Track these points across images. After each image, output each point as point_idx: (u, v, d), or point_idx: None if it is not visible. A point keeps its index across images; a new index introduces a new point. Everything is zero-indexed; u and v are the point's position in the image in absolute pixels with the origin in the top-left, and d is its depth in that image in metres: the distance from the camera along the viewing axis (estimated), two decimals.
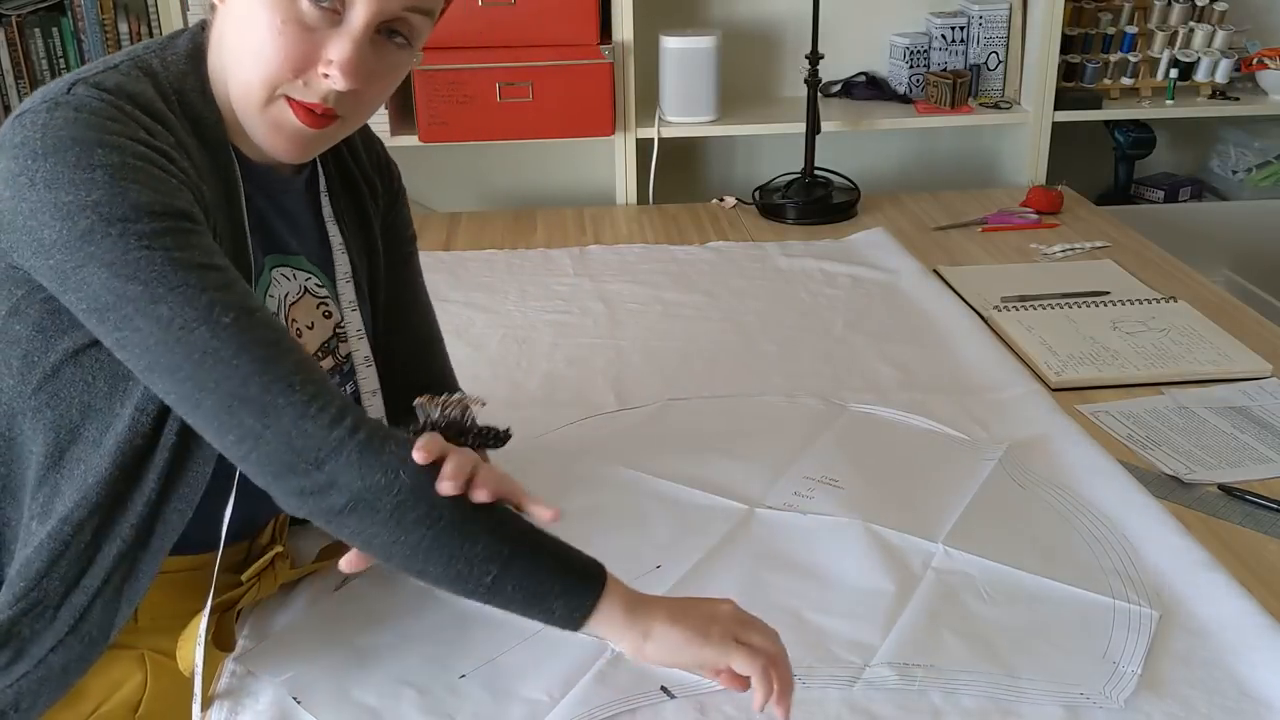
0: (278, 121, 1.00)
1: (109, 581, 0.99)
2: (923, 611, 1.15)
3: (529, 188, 2.69)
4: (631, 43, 2.42)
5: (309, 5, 0.95)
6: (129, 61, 0.99)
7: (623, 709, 1.03)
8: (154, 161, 0.92)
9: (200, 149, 0.99)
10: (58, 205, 0.88)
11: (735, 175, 2.77)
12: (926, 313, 1.91)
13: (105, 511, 0.98)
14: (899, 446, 1.50)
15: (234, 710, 1.04)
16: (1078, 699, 1.04)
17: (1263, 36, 2.74)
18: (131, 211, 0.89)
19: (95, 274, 0.89)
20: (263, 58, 0.96)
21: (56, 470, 0.98)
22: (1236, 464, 1.44)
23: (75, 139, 0.90)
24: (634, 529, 1.30)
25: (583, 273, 2.11)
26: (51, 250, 0.89)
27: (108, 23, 2.46)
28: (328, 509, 0.92)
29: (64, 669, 1.00)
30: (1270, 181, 2.79)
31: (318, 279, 1.13)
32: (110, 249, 0.88)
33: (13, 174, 0.90)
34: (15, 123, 0.92)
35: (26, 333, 0.96)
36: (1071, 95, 2.60)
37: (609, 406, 1.61)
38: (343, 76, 0.96)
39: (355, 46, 0.96)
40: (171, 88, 0.99)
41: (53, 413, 0.97)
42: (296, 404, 0.90)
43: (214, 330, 0.90)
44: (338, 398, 0.93)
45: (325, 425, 0.91)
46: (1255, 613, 1.14)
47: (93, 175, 0.89)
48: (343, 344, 1.15)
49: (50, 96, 0.93)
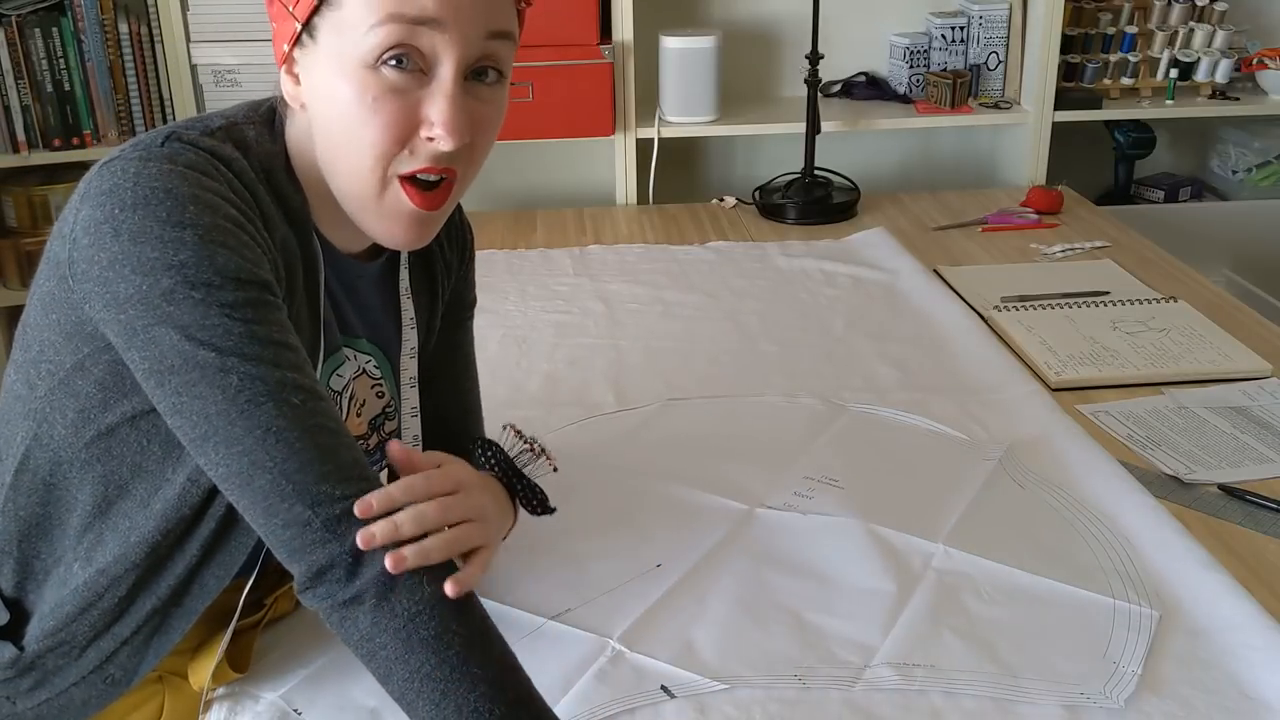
0: (395, 210, 0.96)
1: (139, 632, 0.99)
2: (923, 611, 1.15)
3: (529, 188, 2.69)
4: (631, 43, 2.42)
5: (393, 72, 0.90)
6: (224, 129, 0.96)
7: (622, 709, 1.03)
8: (242, 227, 0.90)
9: (285, 225, 0.97)
10: (141, 260, 0.85)
11: (735, 175, 2.77)
12: (926, 313, 1.91)
13: (144, 571, 0.97)
14: (899, 446, 1.50)
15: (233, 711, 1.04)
16: (1078, 699, 1.04)
17: (1263, 36, 2.74)
18: (217, 277, 0.86)
19: (167, 334, 0.85)
20: (365, 140, 0.92)
21: (102, 520, 0.96)
22: (1236, 464, 1.44)
23: (169, 192, 0.87)
24: (634, 529, 1.30)
25: (583, 273, 2.11)
26: (125, 305, 0.86)
27: (108, 23, 2.46)
28: (348, 600, 0.88)
29: (84, 702, 1.01)
30: (1270, 181, 2.79)
31: (375, 360, 1.11)
32: (189, 312, 0.85)
33: (96, 221, 0.86)
34: (104, 169, 0.89)
35: (88, 389, 0.93)
36: (1071, 95, 2.60)
37: (609, 407, 1.61)
38: (449, 135, 0.91)
39: (451, 101, 0.91)
40: (261, 165, 0.97)
41: (103, 467, 0.95)
42: (349, 499, 0.87)
43: (281, 409, 0.86)
44: None
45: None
46: (1255, 613, 1.14)
47: (182, 234, 0.86)
48: (389, 421, 1.13)
49: (143, 145, 0.90)
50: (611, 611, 1.15)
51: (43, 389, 0.95)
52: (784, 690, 1.05)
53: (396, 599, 0.87)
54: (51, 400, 0.94)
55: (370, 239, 1.05)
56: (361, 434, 1.11)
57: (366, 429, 1.11)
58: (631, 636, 1.12)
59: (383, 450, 1.12)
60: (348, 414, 1.08)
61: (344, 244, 1.05)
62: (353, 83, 0.91)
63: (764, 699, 1.04)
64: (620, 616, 1.14)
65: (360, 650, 0.89)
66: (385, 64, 0.90)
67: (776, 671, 1.08)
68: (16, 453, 0.98)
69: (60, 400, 0.94)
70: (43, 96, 2.46)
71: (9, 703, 1.00)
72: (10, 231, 2.60)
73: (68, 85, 2.47)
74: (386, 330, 1.12)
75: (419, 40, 0.90)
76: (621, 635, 1.12)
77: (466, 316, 1.25)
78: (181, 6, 2.37)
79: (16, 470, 0.98)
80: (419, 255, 1.14)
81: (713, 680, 1.06)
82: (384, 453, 1.11)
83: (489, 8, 0.92)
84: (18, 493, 0.98)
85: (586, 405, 1.61)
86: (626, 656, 1.09)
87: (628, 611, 1.15)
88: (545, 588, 1.18)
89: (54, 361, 0.93)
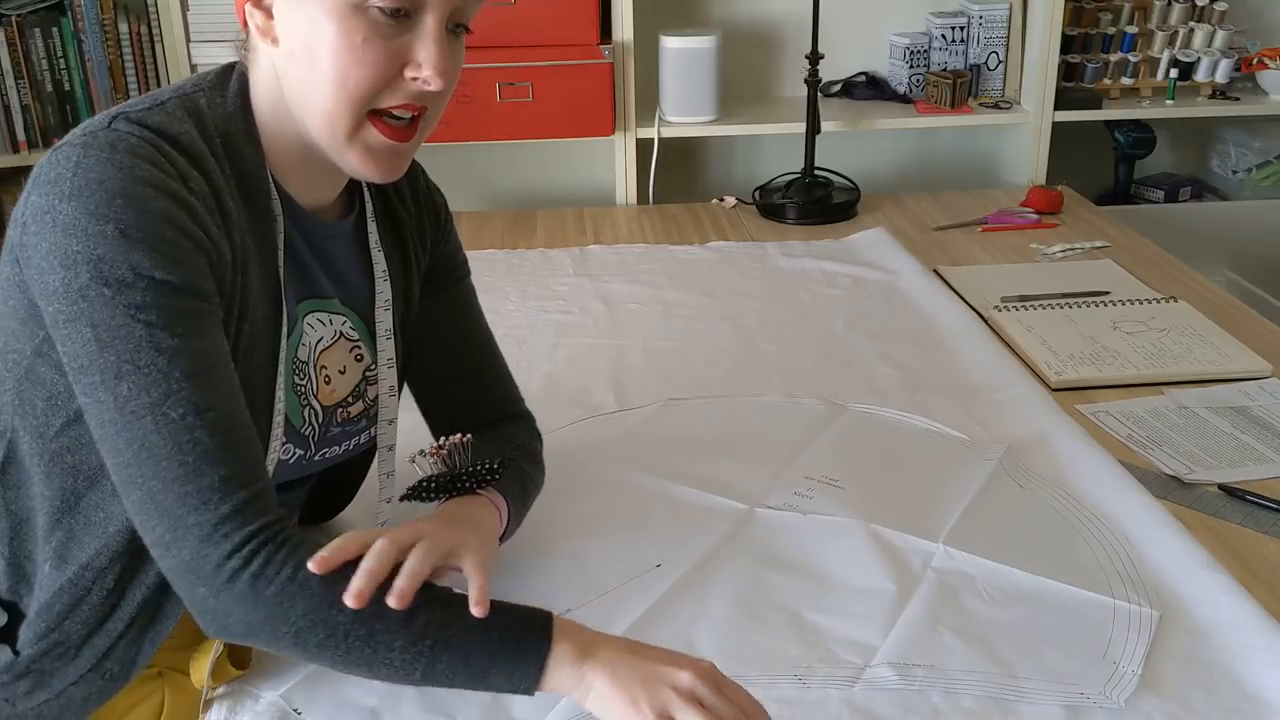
0: (369, 146, 0.98)
1: (132, 625, 1.00)
2: (923, 611, 1.15)
3: (529, 188, 2.69)
4: (631, 43, 2.42)
5: (383, 16, 0.93)
6: (176, 99, 0.97)
7: None
8: (174, 221, 0.89)
9: (239, 194, 0.97)
10: (67, 253, 0.87)
11: (735, 175, 2.77)
12: (926, 313, 1.91)
13: (129, 560, 0.97)
14: (899, 446, 1.50)
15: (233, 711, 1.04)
16: (1078, 699, 1.04)
17: (1263, 36, 2.74)
18: (130, 274, 0.87)
19: (80, 332, 0.87)
20: (349, 79, 0.94)
21: (71, 515, 0.96)
22: (1236, 464, 1.44)
23: (100, 183, 0.87)
24: (634, 529, 1.30)
25: (583, 273, 2.11)
26: (52, 297, 0.88)
27: (108, 23, 2.46)
28: (232, 635, 0.91)
29: (84, 700, 1.01)
30: (1270, 181, 2.79)
31: (352, 321, 1.11)
32: (100, 310, 0.87)
33: (40, 210, 0.88)
34: (53, 156, 0.90)
35: (50, 374, 0.93)
36: (1071, 95, 2.60)
37: (609, 407, 1.61)
38: (437, 76, 0.95)
39: (439, 45, 0.95)
40: (216, 129, 0.97)
41: (72, 457, 0.95)
42: (204, 525, 0.88)
43: (158, 424, 0.88)
44: (257, 515, 0.90)
45: (224, 554, 0.88)
46: (1255, 613, 1.14)
47: (104, 228, 0.87)
48: (372, 387, 1.13)
49: (89, 130, 0.91)
50: (611, 611, 1.15)
51: (11, 381, 0.95)
52: (784, 690, 1.05)
53: (273, 628, 0.90)
54: (21, 391, 0.95)
55: (336, 191, 1.07)
56: (340, 400, 1.10)
57: (348, 395, 1.11)
58: (632, 636, 1.11)
59: (369, 417, 1.13)
60: (318, 384, 1.08)
61: (310, 199, 1.05)
62: (339, 23, 0.93)
63: (764, 699, 1.03)
64: (620, 616, 1.14)
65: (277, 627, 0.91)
66: (374, 6, 0.93)
67: (776, 671, 1.08)
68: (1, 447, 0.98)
69: (29, 390, 0.95)
70: (43, 96, 2.46)
71: (9, 705, 1.00)
72: None
73: (68, 85, 2.47)
74: (362, 291, 1.12)
75: None
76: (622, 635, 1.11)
77: (462, 276, 1.26)
78: (181, 6, 2.37)
79: (3, 464, 0.98)
80: (386, 215, 1.16)
81: None
82: (370, 419, 1.13)
83: None
84: (6, 487, 0.99)
85: (586, 405, 1.61)
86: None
87: (628, 611, 1.15)
88: (545, 588, 1.18)
89: (17, 350, 0.94)
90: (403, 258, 1.17)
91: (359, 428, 1.13)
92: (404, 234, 1.17)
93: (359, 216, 1.12)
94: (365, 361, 1.13)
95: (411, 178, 1.20)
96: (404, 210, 1.17)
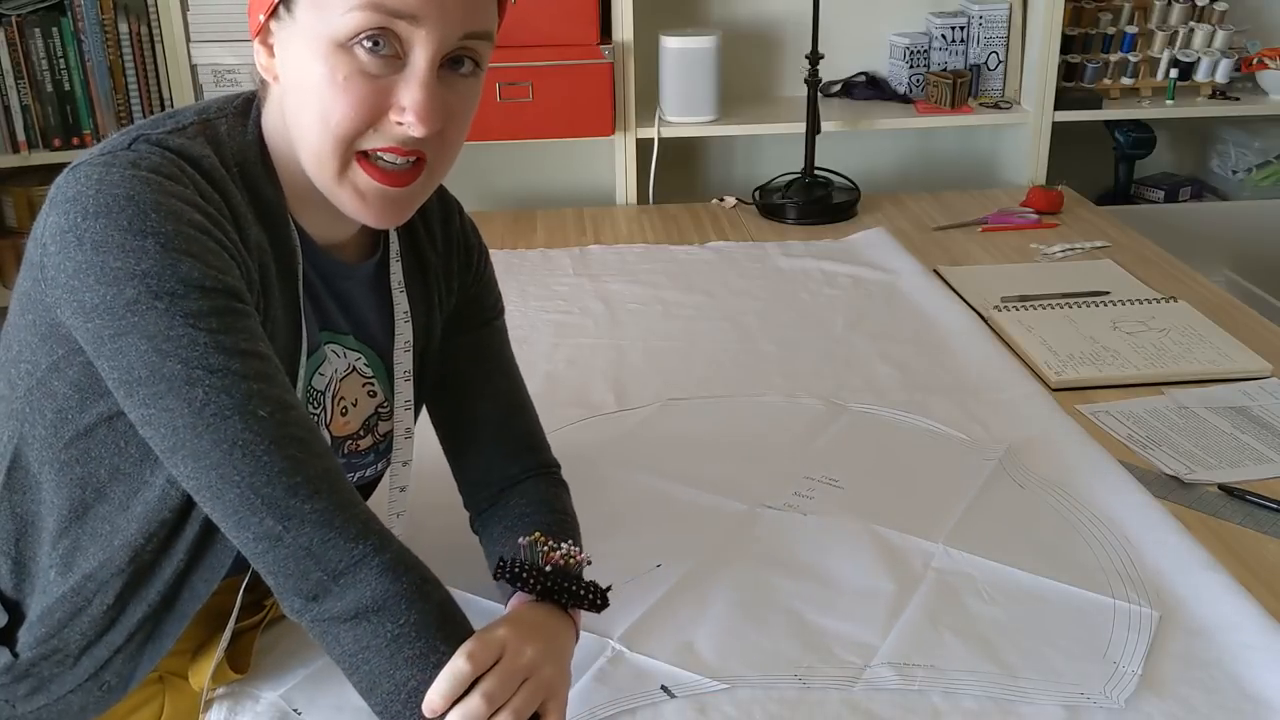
0: (358, 188, 0.94)
1: (131, 640, 0.99)
2: (923, 611, 1.15)
3: (529, 188, 2.69)
4: (631, 43, 2.42)
5: (367, 54, 0.89)
6: (196, 124, 0.95)
7: (623, 709, 1.03)
8: (208, 232, 0.88)
9: (258, 223, 0.96)
10: (104, 269, 0.84)
11: (735, 175, 2.77)
12: (926, 313, 1.91)
13: (131, 576, 0.96)
14: (899, 447, 1.50)
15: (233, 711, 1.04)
16: (1078, 699, 1.04)
17: (1263, 36, 2.74)
18: (180, 286, 0.85)
19: (133, 345, 0.85)
20: (331, 118, 0.91)
21: (79, 524, 0.96)
22: (1236, 464, 1.44)
23: (130, 198, 0.85)
24: (634, 529, 1.30)
25: (583, 273, 2.11)
26: (92, 314, 0.85)
27: (108, 23, 2.46)
28: (332, 617, 0.89)
29: (82, 708, 1.01)
30: (1270, 181, 2.79)
31: (365, 358, 1.10)
32: (154, 322, 0.85)
33: (61, 229, 0.86)
34: (70, 174, 0.88)
35: (64, 390, 0.92)
36: (1071, 95, 2.60)
37: (609, 407, 1.61)
38: (420, 122, 0.90)
39: (425, 88, 0.90)
40: (234, 159, 0.96)
41: (81, 469, 0.94)
42: (321, 511, 0.87)
43: (248, 422, 0.86)
44: (363, 512, 0.91)
45: (351, 538, 0.88)
46: (1255, 613, 1.14)
47: (144, 243, 0.84)
48: (383, 422, 1.12)
49: (109, 149, 0.90)
50: (611, 611, 1.14)
51: (22, 389, 0.95)
52: (784, 690, 1.05)
53: (380, 620, 0.88)
54: (30, 401, 0.94)
55: (351, 230, 1.05)
56: (351, 433, 1.10)
57: (359, 429, 1.10)
58: (632, 636, 1.12)
59: (376, 451, 1.12)
60: (331, 414, 1.07)
61: (326, 235, 1.03)
62: (325, 61, 0.90)
63: (764, 699, 1.04)
64: (620, 616, 1.14)
65: (344, 663, 0.90)
66: (360, 44, 0.90)
67: (776, 671, 1.08)
68: (7, 451, 0.98)
69: (39, 401, 0.94)
70: (43, 96, 2.46)
71: (8, 706, 1.00)
72: (10, 231, 2.60)
73: (68, 85, 2.47)
74: (379, 329, 1.10)
75: (396, 27, 0.90)
76: (622, 635, 1.12)
77: (492, 318, 1.23)
78: (181, 6, 2.37)
79: (9, 469, 0.98)
80: (412, 252, 1.13)
81: (713, 680, 1.06)
82: (378, 454, 1.11)
83: (470, 8, 0.92)
84: (12, 490, 0.98)
85: (586, 405, 1.61)
86: (627, 656, 1.09)
87: (628, 611, 1.15)
88: None
89: (31, 362, 0.93)
90: (425, 298, 1.14)
91: (366, 461, 1.12)
92: (428, 276, 1.14)
93: (383, 256, 1.09)
94: (379, 398, 1.11)
95: (445, 218, 1.16)
96: (432, 251, 1.14)
